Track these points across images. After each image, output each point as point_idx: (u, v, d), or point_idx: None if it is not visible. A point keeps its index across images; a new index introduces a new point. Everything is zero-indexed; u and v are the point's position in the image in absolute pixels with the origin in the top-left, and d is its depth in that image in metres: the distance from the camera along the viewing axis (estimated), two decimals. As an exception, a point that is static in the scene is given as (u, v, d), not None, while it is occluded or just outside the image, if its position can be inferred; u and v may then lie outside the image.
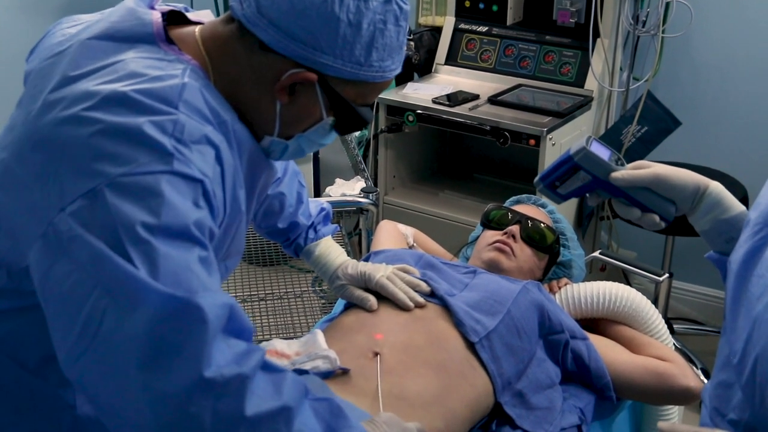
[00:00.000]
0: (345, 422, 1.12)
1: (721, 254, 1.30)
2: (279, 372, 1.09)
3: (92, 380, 1.02)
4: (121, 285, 0.98)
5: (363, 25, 1.13)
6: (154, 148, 1.02)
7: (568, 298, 1.80)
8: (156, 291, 0.97)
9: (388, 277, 1.63)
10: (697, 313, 3.36)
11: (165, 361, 0.98)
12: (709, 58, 3.12)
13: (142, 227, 0.99)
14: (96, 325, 0.99)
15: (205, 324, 1.00)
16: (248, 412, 1.01)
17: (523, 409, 1.55)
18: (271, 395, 1.04)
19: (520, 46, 3.11)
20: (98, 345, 0.99)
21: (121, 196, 1.00)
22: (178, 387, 0.98)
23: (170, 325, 0.98)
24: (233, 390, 1.01)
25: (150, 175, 1.01)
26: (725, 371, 1.15)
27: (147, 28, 1.15)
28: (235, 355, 1.03)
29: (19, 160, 1.09)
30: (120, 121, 1.03)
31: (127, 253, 0.98)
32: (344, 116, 1.21)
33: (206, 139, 1.08)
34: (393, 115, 3.01)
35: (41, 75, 1.15)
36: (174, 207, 1.01)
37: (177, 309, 0.98)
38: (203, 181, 1.05)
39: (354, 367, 1.45)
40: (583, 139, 1.38)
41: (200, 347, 0.99)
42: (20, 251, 1.07)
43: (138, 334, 0.98)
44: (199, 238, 1.04)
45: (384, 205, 3.11)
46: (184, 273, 1.00)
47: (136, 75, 1.08)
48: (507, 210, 1.90)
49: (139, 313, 0.97)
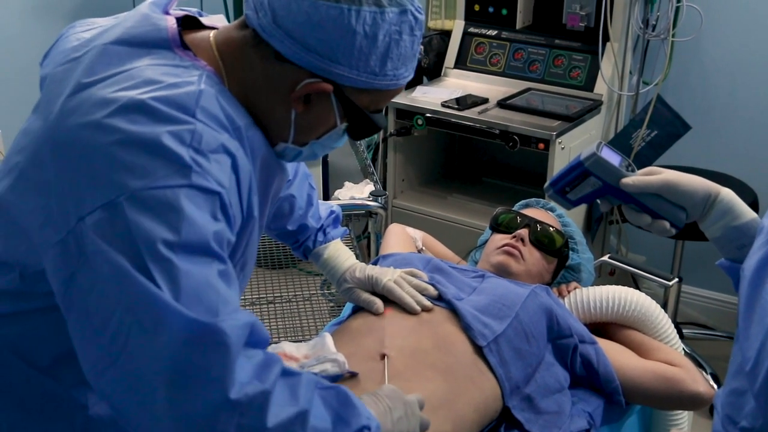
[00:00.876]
0: (353, 410, 1.14)
1: (733, 261, 1.30)
2: (294, 376, 1.10)
3: (117, 394, 1.04)
4: (144, 305, 0.99)
5: (379, 37, 1.13)
6: (172, 161, 1.03)
7: (578, 302, 1.80)
8: (179, 314, 0.99)
9: (395, 281, 1.63)
10: (707, 318, 3.35)
11: (190, 383, 1.00)
12: (719, 62, 3.11)
13: (163, 244, 1.00)
14: (122, 342, 1.00)
15: (228, 348, 1.01)
16: (270, 424, 1.03)
17: (532, 413, 1.55)
18: (289, 401, 1.07)
19: (530, 50, 3.11)
20: (124, 360, 1.01)
21: (140, 211, 1.00)
22: (204, 408, 1.01)
23: (195, 350, 1.00)
24: (256, 406, 1.03)
25: (169, 189, 1.02)
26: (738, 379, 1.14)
27: (162, 34, 1.15)
28: (256, 368, 1.05)
29: (35, 165, 1.10)
30: (139, 131, 1.04)
31: (148, 271, 0.99)
32: (358, 123, 1.22)
33: (223, 147, 1.08)
34: (402, 119, 3.02)
35: (57, 80, 1.16)
36: (193, 222, 1.02)
37: (201, 334, 1.00)
38: (221, 194, 1.06)
39: (362, 371, 1.46)
40: (594, 144, 1.37)
41: (224, 370, 1.01)
42: (34, 254, 1.08)
43: (163, 356, 0.99)
44: (218, 253, 1.05)
45: (393, 208, 3.11)
46: (204, 291, 1.01)
47: (153, 82, 1.09)
48: (516, 214, 1.90)
49: (163, 336, 0.99)
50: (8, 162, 1.16)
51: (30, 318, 1.15)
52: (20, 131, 1.19)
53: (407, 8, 1.15)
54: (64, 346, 1.13)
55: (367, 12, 1.11)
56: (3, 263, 1.13)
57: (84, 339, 1.05)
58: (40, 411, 1.20)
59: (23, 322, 1.16)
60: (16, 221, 1.11)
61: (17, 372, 1.18)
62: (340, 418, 1.11)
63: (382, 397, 1.25)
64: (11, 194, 1.13)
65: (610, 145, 1.40)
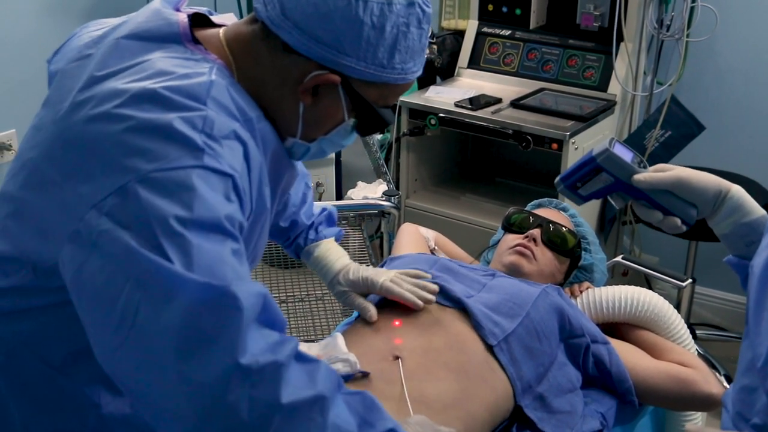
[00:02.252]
0: (379, 415, 1.13)
1: (741, 258, 1.30)
2: (313, 362, 1.10)
3: (129, 372, 1.03)
4: (154, 278, 0.99)
5: (386, 28, 1.14)
6: (184, 144, 1.04)
7: (590, 302, 1.79)
8: (191, 281, 0.99)
9: (392, 280, 1.61)
10: (720, 319, 3.34)
11: (201, 349, 0.99)
12: (734, 63, 3.10)
13: (176, 220, 1.00)
14: (131, 318, 1.00)
15: (240, 311, 1.01)
16: (284, 400, 1.02)
17: (545, 413, 1.54)
18: (306, 384, 1.05)
19: (543, 50, 3.10)
20: (134, 337, 1.00)
21: (153, 192, 1.01)
22: (215, 375, 0.99)
23: (206, 314, 1.00)
24: (268, 377, 1.02)
25: (181, 170, 1.02)
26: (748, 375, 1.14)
27: (173, 28, 1.17)
28: (269, 344, 1.04)
29: (48, 160, 1.11)
30: (150, 117, 1.04)
31: (161, 246, 0.99)
32: (366, 118, 1.22)
33: (235, 134, 1.09)
34: (415, 119, 3.02)
35: (68, 76, 1.17)
36: (206, 200, 1.02)
37: (212, 297, 1.00)
38: (233, 176, 1.06)
39: (374, 371, 1.46)
40: (606, 140, 1.37)
41: (235, 335, 1.00)
42: (49, 249, 1.08)
43: (174, 324, 0.99)
44: (231, 231, 1.05)
45: (405, 208, 3.11)
46: (218, 265, 1.01)
47: (165, 73, 1.10)
48: (528, 214, 1.89)
49: (174, 304, 0.99)
50: (21, 158, 1.17)
51: (43, 314, 1.16)
52: (31, 127, 1.20)
53: (415, 0, 1.16)
54: (77, 343, 1.14)
55: (375, 3, 1.12)
56: (16, 259, 1.14)
57: (95, 322, 1.05)
58: (54, 408, 1.20)
59: (37, 318, 1.16)
60: (31, 217, 1.12)
61: (31, 369, 1.18)
62: (365, 422, 1.11)
63: (413, 425, 1.25)
64: (25, 190, 1.14)
65: (622, 142, 1.40)
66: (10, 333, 1.18)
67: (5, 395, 1.20)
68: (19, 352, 1.18)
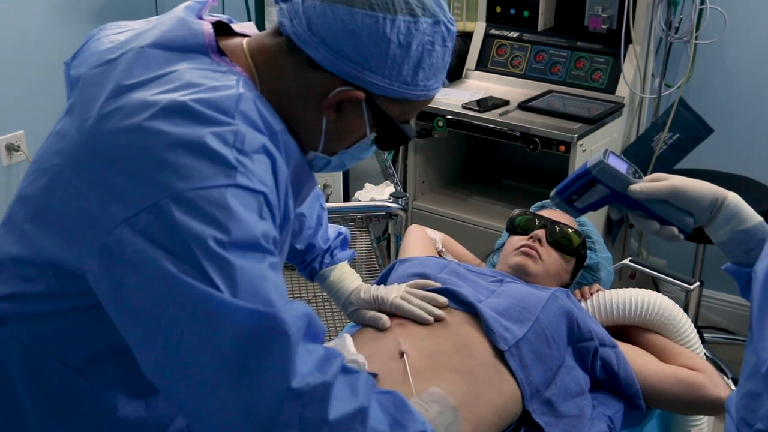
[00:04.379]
0: (410, 416, 1.15)
1: (740, 266, 1.30)
2: (354, 373, 1.12)
3: (180, 390, 1.05)
4: (198, 303, 1.00)
5: (412, 46, 1.14)
6: (217, 161, 1.04)
7: (600, 304, 1.79)
8: (238, 307, 1.00)
9: (402, 297, 1.62)
10: (728, 322, 3.33)
11: (253, 374, 1.01)
12: (743, 65, 3.09)
13: (215, 242, 1.00)
14: (177, 338, 1.01)
15: (288, 336, 1.02)
16: (331, 417, 1.04)
17: (552, 417, 1.54)
18: (349, 397, 1.07)
19: (551, 52, 3.10)
20: (182, 357, 1.02)
21: (188, 212, 1.01)
22: (268, 398, 1.01)
23: (256, 340, 1.01)
24: (318, 397, 1.04)
25: (215, 189, 1.02)
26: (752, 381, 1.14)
27: (199, 39, 1.16)
28: (317, 362, 1.06)
29: (74, 168, 1.10)
30: (182, 133, 1.04)
31: (202, 269, 0.99)
32: (387, 132, 1.22)
33: (264, 149, 1.09)
34: (423, 121, 3.02)
35: (93, 83, 1.16)
36: (242, 220, 1.03)
37: (261, 324, 1.01)
38: (265, 193, 1.07)
39: (382, 371, 1.46)
40: (600, 152, 1.38)
41: (285, 359, 1.02)
42: (73, 257, 1.08)
43: (224, 349, 1.00)
44: (268, 248, 1.06)
45: (413, 210, 3.12)
46: (261, 285, 1.02)
47: (193, 85, 1.09)
48: (532, 215, 1.90)
49: (221, 331, 1.00)
50: (43, 163, 1.17)
51: (64, 318, 1.16)
52: (54, 133, 1.19)
53: (440, 19, 1.16)
54: (97, 346, 1.15)
55: (402, 21, 1.12)
56: (37, 264, 1.13)
57: (139, 340, 1.05)
58: (70, 410, 1.20)
59: (57, 321, 1.16)
60: (53, 223, 1.12)
61: (50, 370, 1.18)
62: (397, 422, 1.13)
63: (428, 402, 1.26)
64: (47, 196, 1.13)
65: (615, 153, 1.40)
66: (28, 336, 1.18)
67: (22, 397, 1.20)
68: (37, 355, 1.18)
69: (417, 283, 1.68)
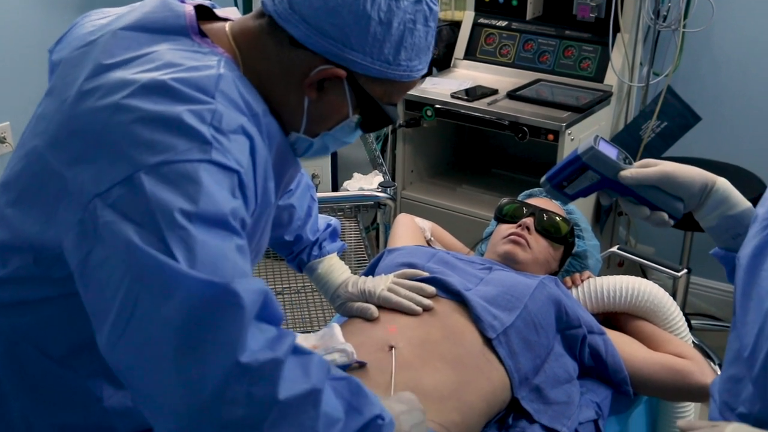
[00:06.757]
0: (366, 400, 1.13)
1: (727, 250, 1.31)
2: (306, 354, 1.09)
3: (129, 366, 1.03)
4: (154, 273, 0.98)
5: (393, 24, 1.14)
6: (192, 137, 1.03)
7: (590, 291, 1.80)
8: (192, 278, 0.98)
9: (389, 289, 1.62)
10: (715, 309, 3.35)
11: (200, 347, 0.99)
12: (731, 54, 3.10)
13: (181, 214, 0.99)
14: (129, 311, 0.99)
15: (241, 309, 1.00)
16: (281, 396, 1.02)
17: (541, 404, 1.55)
18: (301, 378, 1.05)
19: (540, 41, 3.10)
20: (132, 331, 1.00)
21: (159, 184, 1.00)
22: (214, 373, 0.99)
23: (206, 311, 0.99)
24: (267, 374, 1.01)
25: (188, 163, 1.02)
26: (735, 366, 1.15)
27: (180, 20, 1.16)
28: (268, 340, 1.03)
29: (53, 147, 1.10)
30: (159, 110, 1.04)
31: (164, 240, 0.98)
32: (370, 114, 1.22)
33: (242, 129, 1.09)
34: (411, 110, 3.01)
35: (72, 64, 1.16)
36: (212, 195, 1.02)
37: (213, 295, 0.99)
38: (239, 172, 1.06)
39: (371, 361, 1.46)
40: (591, 138, 1.38)
41: (236, 333, 1.00)
42: (51, 237, 1.08)
43: (173, 320, 0.98)
44: (235, 227, 1.05)
45: (402, 199, 3.12)
46: (221, 261, 1.01)
47: (173, 65, 1.09)
48: (520, 203, 1.90)
49: (174, 301, 0.98)
50: (24, 146, 1.17)
51: (45, 307, 1.16)
52: (35, 116, 1.19)
53: None
54: (79, 336, 1.14)
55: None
56: (17, 248, 1.13)
57: (97, 313, 1.04)
58: (55, 401, 1.20)
59: (38, 311, 1.16)
60: (32, 205, 1.11)
61: (32, 362, 1.18)
62: (352, 407, 1.11)
63: (398, 402, 1.25)
64: (26, 177, 1.13)
65: (606, 139, 1.40)
66: (9, 326, 1.17)
67: (5, 388, 1.19)
68: (19, 345, 1.17)
69: (405, 273, 1.69)
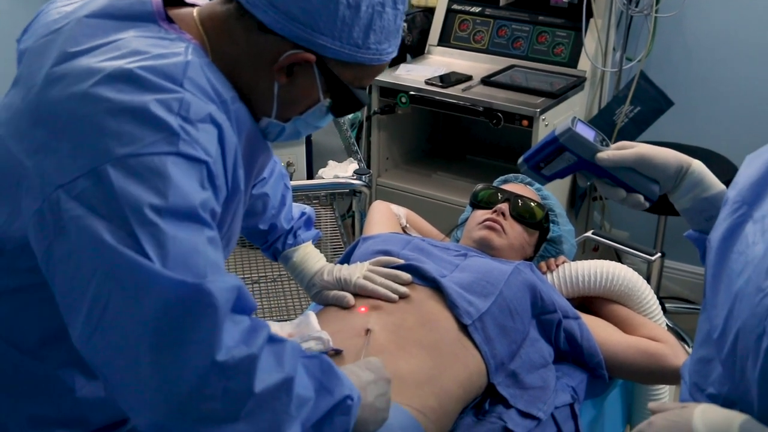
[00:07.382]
0: (337, 380, 1.14)
1: (701, 233, 1.32)
2: (280, 342, 1.10)
3: (103, 361, 1.02)
4: (126, 272, 0.98)
5: (362, 7, 1.13)
6: (160, 128, 1.02)
7: (565, 276, 1.81)
8: (165, 277, 0.98)
9: (365, 277, 1.63)
10: (689, 292, 3.38)
11: (176, 346, 0.99)
12: (702, 39, 3.12)
13: (150, 209, 0.98)
14: (101, 308, 0.99)
15: (215, 308, 1.00)
16: (257, 389, 1.03)
17: (517, 389, 1.56)
18: (275, 368, 1.06)
19: (513, 27, 3.10)
20: (106, 328, 0.99)
21: (126, 178, 0.99)
22: (191, 371, 0.99)
23: (181, 311, 0.99)
24: (243, 370, 1.02)
25: (156, 156, 1.01)
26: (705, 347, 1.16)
27: (146, 7, 1.15)
28: (243, 334, 1.04)
29: (16, 136, 1.08)
30: (125, 99, 1.03)
31: (135, 236, 0.98)
32: (341, 98, 1.21)
33: (210, 118, 1.08)
34: (386, 97, 3.01)
35: (38, 52, 1.14)
36: (181, 188, 1.01)
37: (187, 295, 0.99)
38: (208, 163, 1.05)
39: (347, 347, 1.46)
40: (568, 120, 1.38)
41: (211, 332, 1.00)
42: (15, 228, 1.07)
43: (147, 320, 0.98)
44: (206, 219, 1.04)
45: (377, 186, 3.11)
46: (192, 256, 1.00)
47: (140, 52, 1.08)
48: (496, 189, 1.91)
49: (148, 300, 0.98)
50: None
51: (12, 298, 1.14)
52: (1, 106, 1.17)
53: None
54: (49, 327, 1.13)
55: None
56: None
57: (67, 307, 1.03)
58: (26, 393, 1.19)
59: (6, 302, 1.15)
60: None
61: (2, 354, 1.17)
62: (323, 387, 1.12)
63: (365, 370, 1.26)
64: None
65: (583, 121, 1.41)
66: None
67: None
68: None
69: (380, 261, 1.69)
